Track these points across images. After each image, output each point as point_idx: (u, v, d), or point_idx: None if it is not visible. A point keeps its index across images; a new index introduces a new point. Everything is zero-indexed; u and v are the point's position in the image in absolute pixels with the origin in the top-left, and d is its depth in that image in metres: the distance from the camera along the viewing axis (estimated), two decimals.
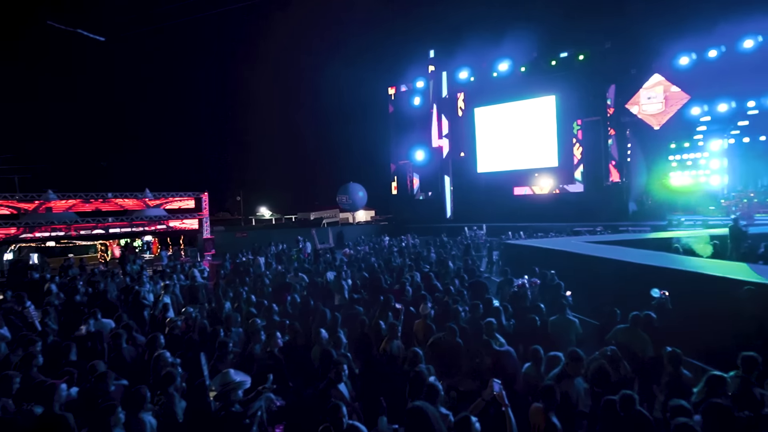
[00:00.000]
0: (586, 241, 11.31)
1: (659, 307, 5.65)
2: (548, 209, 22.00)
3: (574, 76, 22.39)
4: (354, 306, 6.64)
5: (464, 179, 25.83)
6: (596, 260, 8.78)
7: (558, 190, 23.38)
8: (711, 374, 3.56)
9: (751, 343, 5.38)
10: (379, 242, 17.08)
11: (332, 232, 19.39)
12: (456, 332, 4.85)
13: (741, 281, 6.12)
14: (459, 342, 4.85)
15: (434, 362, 4.72)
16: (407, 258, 11.55)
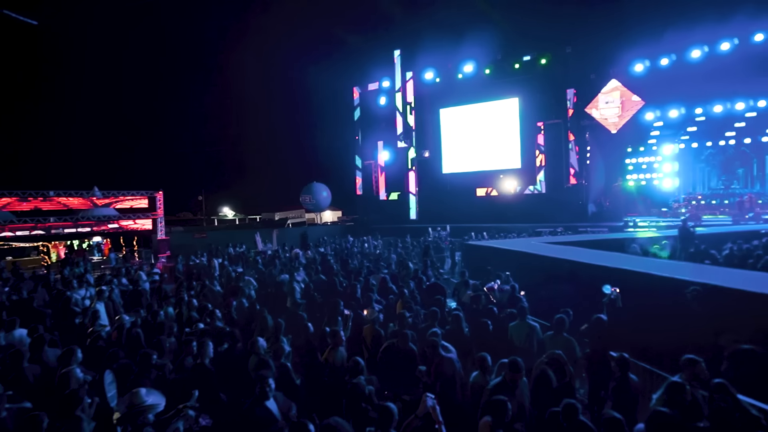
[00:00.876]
0: (545, 242, 11.39)
1: (610, 304, 5.62)
2: (512, 210, 22.30)
3: (537, 80, 22.81)
4: (297, 313, 6.30)
5: (430, 180, 25.87)
6: (552, 261, 8.80)
7: (521, 191, 23.75)
8: (671, 381, 3.47)
9: (697, 344, 5.43)
10: (340, 243, 16.73)
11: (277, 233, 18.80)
12: (408, 338, 4.60)
13: (687, 282, 6.21)
14: (412, 348, 4.61)
15: (386, 371, 4.47)
16: (365, 260, 11.27)
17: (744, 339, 5.43)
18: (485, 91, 24.27)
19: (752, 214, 19.60)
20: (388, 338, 4.85)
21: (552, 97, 22.68)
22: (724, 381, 3.39)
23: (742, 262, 10.50)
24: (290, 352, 4.64)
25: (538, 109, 23.22)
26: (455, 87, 24.70)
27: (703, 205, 22.18)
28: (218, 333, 4.94)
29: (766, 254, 10.35)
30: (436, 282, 7.77)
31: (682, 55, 20.01)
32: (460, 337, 4.90)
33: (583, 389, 5.58)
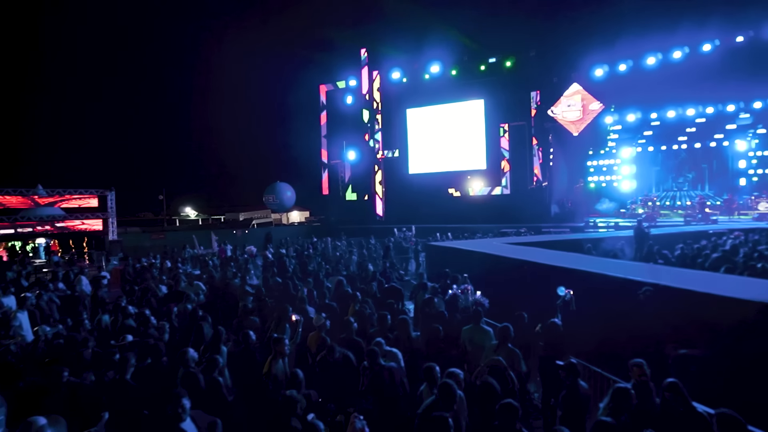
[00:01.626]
0: (506, 243, 11.38)
1: (564, 307, 5.53)
2: (478, 211, 22.43)
3: (502, 82, 23.08)
4: (248, 317, 5.91)
5: (396, 180, 25.75)
6: (509, 261, 8.73)
7: (487, 192, 23.96)
8: (616, 387, 3.34)
9: (650, 346, 5.41)
10: (302, 244, 16.30)
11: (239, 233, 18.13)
12: (335, 349, 4.31)
13: (640, 282, 6.22)
14: (349, 356, 4.32)
15: (326, 382, 4.17)
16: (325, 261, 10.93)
17: (691, 338, 5.46)
18: (451, 92, 24.36)
19: (701, 215, 20.46)
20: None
21: (516, 99, 22.99)
22: (676, 381, 3.30)
23: (693, 261, 10.84)
24: (224, 366, 4.26)
25: (502, 111, 23.50)
26: (422, 87, 24.68)
27: (658, 206, 23.04)
28: (143, 345, 4.50)
29: (713, 253, 10.72)
30: (393, 285, 7.52)
31: (638, 62, 20.67)
32: (407, 344, 4.65)
33: (538, 393, 5.48)
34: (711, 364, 4.94)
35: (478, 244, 11.52)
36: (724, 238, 13.15)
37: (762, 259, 9.94)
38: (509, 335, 4.55)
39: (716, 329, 5.41)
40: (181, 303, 6.76)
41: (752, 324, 4.99)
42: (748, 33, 18.47)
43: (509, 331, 4.56)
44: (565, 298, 5.51)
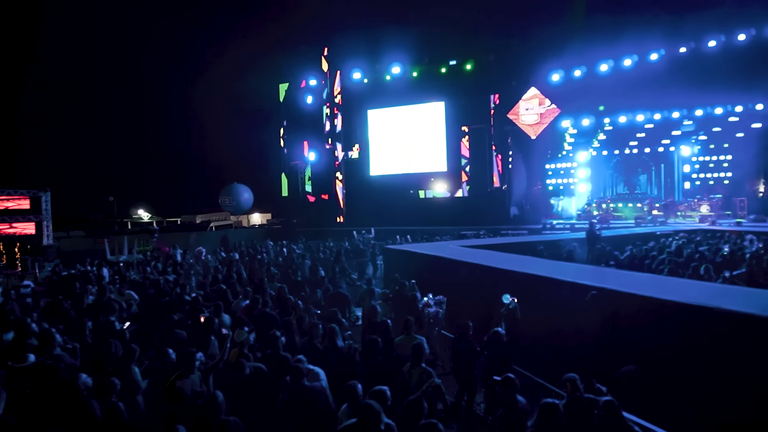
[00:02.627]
0: (461, 246, 11.26)
1: (509, 315, 5.34)
2: (438, 213, 22.42)
3: (462, 84, 23.21)
4: (173, 331, 5.37)
5: (357, 182, 25.41)
6: (463, 265, 8.56)
7: (447, 194, 24.01)
8: (543, 403, 3.13)
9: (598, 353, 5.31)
10: (256, 248, 15.66)
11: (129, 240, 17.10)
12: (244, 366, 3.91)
13: (588, 286, 6.15)
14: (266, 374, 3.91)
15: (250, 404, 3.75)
16: (273, 266, 10.42)
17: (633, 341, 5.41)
18: (412, 94, 24.29)
19: (650, 217, 21.27)
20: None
21: (476, 102, 23.19)
22: (612, 399, 3.12)
23: (641, 262, 11.08)
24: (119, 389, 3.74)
25: (463, 114, 23.65)
26: (383, 88, 24.48)
27: (612, 208, 23.81)
28: (38, 367, 3.91)
29: (659, 255, 10.99)
30: (339, 291, 7.15)
31: (592, 68, 21.25)
32: (336, 356, 4.30)
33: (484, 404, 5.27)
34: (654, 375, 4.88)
35: (433, 247, 11.35)
36: (671, 239, 13.61)
37: (702, 260, 10.27)
38: (422, 354, 4.20)
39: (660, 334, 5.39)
40: (105, 316, 6.12)
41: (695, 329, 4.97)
42: (690, 44, 19.37)
43: (421, 349, 4.23)
44: (509, 306, 5.31)
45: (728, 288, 6.19)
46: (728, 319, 4.62)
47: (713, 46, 19.27)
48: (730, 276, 7.99)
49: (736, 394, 4.40)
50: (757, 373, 4.32)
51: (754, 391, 4.28)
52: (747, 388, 4.32)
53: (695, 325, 4.95)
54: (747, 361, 4.43)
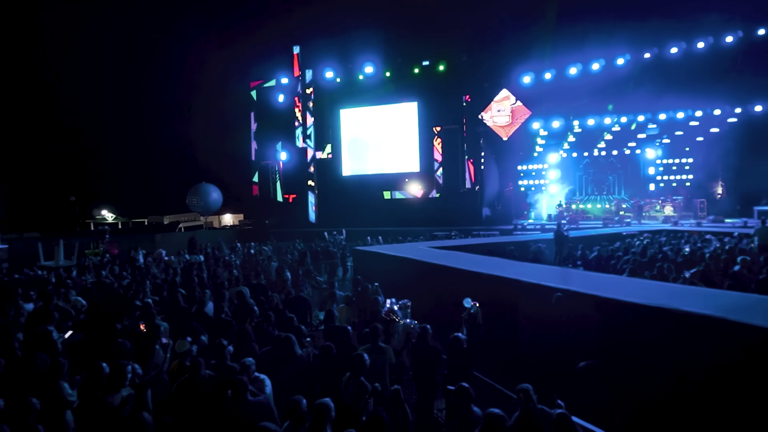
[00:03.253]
0: (430, 247, 11.16)
1: (470, 320, 5.21)
2: (411, 213, 22.35)
3: (435, 85, 23.21)
4: (116, 341, 5.00)
5: (330, 182, 25.09)
6: (430, 267, 8.44)
7: (420, 195, 23.97)
8: (486, 413, 2.98)
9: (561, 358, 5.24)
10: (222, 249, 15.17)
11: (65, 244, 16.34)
12: (201, 368, 3.64)
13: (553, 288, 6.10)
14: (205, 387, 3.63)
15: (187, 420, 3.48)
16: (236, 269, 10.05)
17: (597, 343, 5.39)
18: (385, 94, 24.15)
19: (617, 217, 21.78)
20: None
21: (449, 102, 23.23)
22: (565, 412, 3.00)
23: (606, 263, 11.24)
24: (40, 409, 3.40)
25: (435, 114, 23.66)
26: (355, 88, 24.24)
27: (581, 210, 24.29)
28: None
29: (624, 255, 11.16)
30: (300, 296, 6.89)
31: (562, 71, 21.58)
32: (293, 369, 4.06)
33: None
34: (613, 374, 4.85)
35: (401, 248, 11.22)
36: (636, 240, 13.90)
37: (665, 260, 10.48)
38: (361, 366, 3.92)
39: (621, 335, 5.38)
40: (41, 326, 5.66)
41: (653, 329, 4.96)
42: (654, 50, 19.93)
43: (360, 361, 3.95)
44: (470, 311, 5.19)
45: (687, 288, 6.26)
46: (684, 320, 4.63)
47: (675, 53, 19.88)
48: (690, 276, 8.14)
49: (691, 393, 4.42)
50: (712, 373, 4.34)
51: (709, 390, 4.29)
52: (703, 387, 4.33)
53: (654, 326, 4.96)
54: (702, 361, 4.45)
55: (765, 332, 4.01)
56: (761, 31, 18.58)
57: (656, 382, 4.69)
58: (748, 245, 12.26)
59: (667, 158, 25.56)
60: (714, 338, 4.43)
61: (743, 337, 4.19)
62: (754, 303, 5.17)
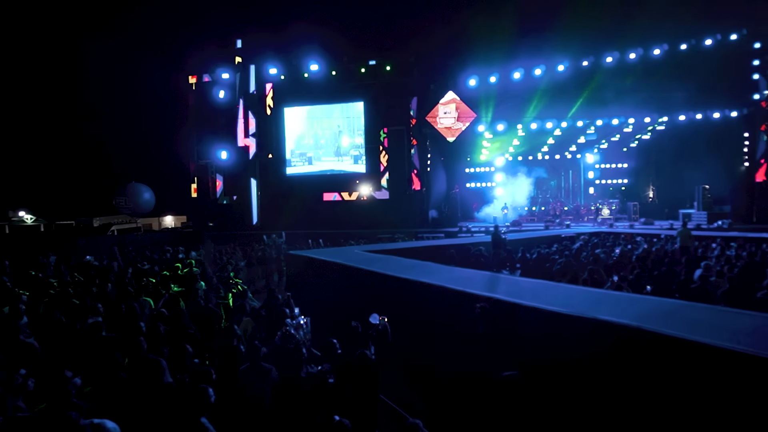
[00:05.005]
0: (365, 251, 10.68)
1: (379, 337, 4.74)
2: (357, 215, 21.87)
3: (381, 85, 22.89)
4: None
5: (273, 182, 24.10)
6: (357, 272, 7.95)
7: (366, 196, 23.54)
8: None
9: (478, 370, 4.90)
10: (144, 254, 13.97)
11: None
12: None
13: (476, 296, 5.78)
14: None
15: None
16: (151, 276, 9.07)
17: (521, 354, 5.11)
18: (331, 93, 23.55)
19: (559, 220, 22.39)
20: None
21: (396, 103, 22.99)
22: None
23: (542, 265, 11.25)
24: None
25: (382, 115, 23.35)
26: (300, 85, 23.45)
27: (526, 212, 24.83)
28: None
29: (560, 258, 11.22)
30: (208, 306, 6.14)
31: (506, 75, 21.86)
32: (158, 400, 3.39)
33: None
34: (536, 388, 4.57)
35: (334, 252, 10.68)
36: (571, 242, 14.15)
37: (597, 263, 10.62)
38: (203, 400, 3.14)
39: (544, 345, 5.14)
40: None
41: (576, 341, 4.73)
42: (590, 58, 20.66)
43: (203, 395, 3.16)
44: (378, 327, 4.72)
45: (610, 295, 6.14)
46: (603, 329, 4.42)
47: (610, 62, 20.69)
48: (618, 280, 8.17)
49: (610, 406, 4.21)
50: (631, 386, 4.13)
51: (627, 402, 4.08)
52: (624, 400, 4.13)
53: (576, 336, 4.74)
54: (619, 372, 4.25)
55: (673, 341, 3.83)
56: (683, 46, 19.73)
57: (576, 395, 4.46)
58: (672, 246, 12.78)
59: (604, 163, 26.74)
60: (629, 347, 4.23)
61: (656, 347, 4.00)
62: (673, 309, 5.07)
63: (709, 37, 19.45)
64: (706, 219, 19.06)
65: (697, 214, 19.64)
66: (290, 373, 4.08)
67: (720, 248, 11.85)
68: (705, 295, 7.27)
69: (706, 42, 19.59)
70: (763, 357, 3.32)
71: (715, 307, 5.17)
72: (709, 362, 3.60)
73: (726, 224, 18.25)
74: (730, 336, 3.83)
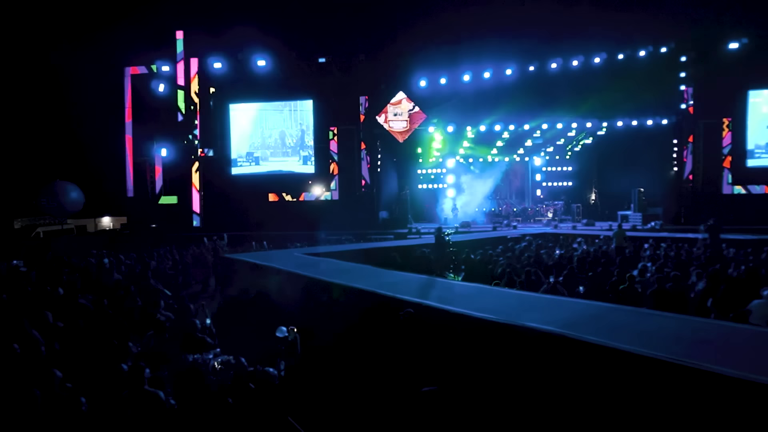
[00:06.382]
0: (306, 253, 10.23)
1: (289, 350, 4.33)
2: (305, 217, 21.15)
3: (331, 83, 22.35)
4: None
5: (217, 182, 22.94)
6: (292, 277, 7.49)
7: (315, 197, 22.94)
8: None
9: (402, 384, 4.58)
10: (61, 260, 12.69)
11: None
12: None
13: (405, 301, 5.50)
14: None
15: None
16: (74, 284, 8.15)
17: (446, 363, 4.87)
18: (279, 90, 22.74)
19: (507, 221, 22.81)
20: None
21: (346, 102, 22.53)
22: None
23: (485, 267, 11.23)
24: None
25: (332, 114, 22.82)
26: (246, 81, 22.42)
27: (486, 212, 25.15)
28: None
29: (502, 259, 11.24)
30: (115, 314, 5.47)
31: (457, 77, 21.98)
32: None
33: None
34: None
35: (271, 255, 10.15)
36: (516, 244, 14.33)
37: (538, 264, 10.72)
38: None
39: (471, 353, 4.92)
40: None
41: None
42: (535, 63, 21.20)
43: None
44: (287, 338, 4.31)
45: (542, 299, 6.06)
46: (529, 336, 4.25)
47: (555, 68, 21.30)
48: (554, 281, 8.20)
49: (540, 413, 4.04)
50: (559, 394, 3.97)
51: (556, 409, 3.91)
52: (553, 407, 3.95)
53: (505, 344, 4.54)
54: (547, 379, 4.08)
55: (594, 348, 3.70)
56: (620, 56, 20.69)
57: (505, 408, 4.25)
58: (609, 247, 13.22)
59: (551, 166, 27.63)
60: (555, 356, 4.07)
61: (579, 354, 3.86)
62: (600, 313, 5.01)
63: (643, 49, 20.47)
64: (641, 220, 20.02)
65: (634, 215, 20.63)
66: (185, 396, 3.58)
67: (651, 248, 12.37)
68: (634, 295, 7.41)
69: (640, 53, 20.61)
70: (679, 363, 3.25)
71: (639, 310, 5.18)
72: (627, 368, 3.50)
73: (658, 225, 19.25)
74: (647, 341, 3.77)
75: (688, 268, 9.14)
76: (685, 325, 4.40)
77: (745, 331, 4.32)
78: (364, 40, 22.33)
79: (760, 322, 5.31)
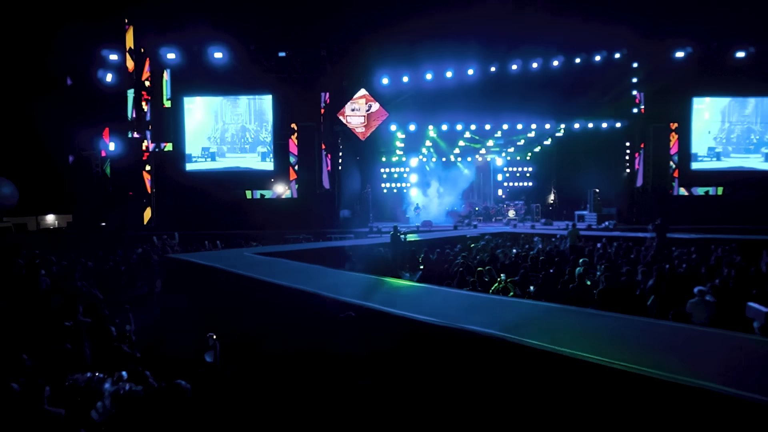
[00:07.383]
0: (257, 253, 9.75)
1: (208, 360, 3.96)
2: (263, 215, 20.51)
3: (291, 79, 21.78)
4: None
5: (170, 179, 21.87)
6: (236, 278, 7.05)
7: (274, 194, 22.31)
8: None
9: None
10: None
11: None
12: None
13: (347, 303, 5.22)
14: None
15: None
16: None
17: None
18: (237, 84, 21.92)
19: (468, 220, 22.94)
20: None
21: (306, 98, 22.02)
22: None
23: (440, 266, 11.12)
24: None
25: (292, 110, 22.24)
26: (202, 74, 21.48)
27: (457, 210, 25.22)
28: None
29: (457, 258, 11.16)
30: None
31: (419, 76, 21.90)
32: None
33: None
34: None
35: (218, 255, 9.63)
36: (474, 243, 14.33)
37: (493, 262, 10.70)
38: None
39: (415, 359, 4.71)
40: None
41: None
42: (496, 64, 21.44)
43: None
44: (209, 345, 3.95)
45: (489, 299, 5.92)
46: (468, 340, 4.07)
47: (515, 69, 21.60)
48: (506, 279, 8.15)
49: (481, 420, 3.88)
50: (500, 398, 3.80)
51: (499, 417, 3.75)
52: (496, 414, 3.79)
53: (445, 348, 4.35)
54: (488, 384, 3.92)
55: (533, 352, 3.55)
56: (577, 60, 21.24)
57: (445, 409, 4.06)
58: (564, 246, 13.43)
59: (512, 166, 28.08)
60: (497, 360, 3.90)
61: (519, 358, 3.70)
62: (545, 313, 4.90)
63: (598, 54, 21.09)
64: (596, 220, 20.61)
65: (589, 215, 21.24)
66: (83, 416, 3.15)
67: (603, 247, 12.65)
68: (583, 293, 7.44)
69: (595, 58, 21.21)
70: (615, 367, 3.15)
71: (583, 310, 5.11)
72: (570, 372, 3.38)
73: (611, 225, 19.87)
74: (590, 343, 3.67)
75: (636, 266, 9.34)
76: (626, 326, 4.34)
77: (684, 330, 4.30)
78: (324, 36, 21.85)
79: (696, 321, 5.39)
